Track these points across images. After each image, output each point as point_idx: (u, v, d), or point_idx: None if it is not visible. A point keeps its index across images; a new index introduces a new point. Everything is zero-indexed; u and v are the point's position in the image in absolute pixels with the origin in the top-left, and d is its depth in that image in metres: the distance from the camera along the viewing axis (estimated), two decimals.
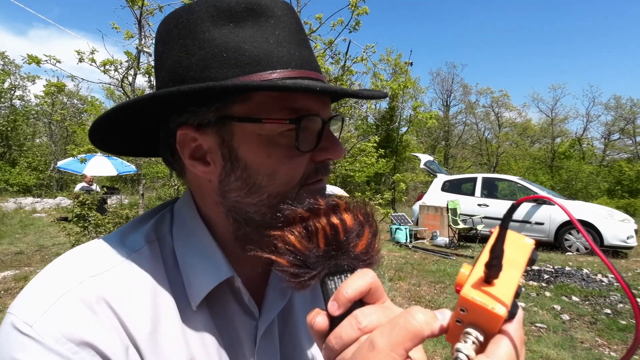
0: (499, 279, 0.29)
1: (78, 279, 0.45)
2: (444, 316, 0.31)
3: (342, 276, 0.38)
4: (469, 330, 0.29)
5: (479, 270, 0.30)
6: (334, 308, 0.35)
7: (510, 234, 0.32)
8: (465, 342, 0.29)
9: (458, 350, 0.28)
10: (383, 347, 0.29)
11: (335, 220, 0.39)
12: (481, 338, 0.29)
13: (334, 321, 0.35)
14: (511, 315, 0.29)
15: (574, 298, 4.87)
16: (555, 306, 4.55)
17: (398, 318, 0.31)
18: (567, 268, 6.27)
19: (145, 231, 0.54)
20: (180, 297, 0.50)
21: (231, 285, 0.53)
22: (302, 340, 0.60)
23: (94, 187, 8.97)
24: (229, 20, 0.48)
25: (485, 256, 0.30)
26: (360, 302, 0.36)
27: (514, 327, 0.30)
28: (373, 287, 0.36)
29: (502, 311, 0.28)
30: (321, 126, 0.50)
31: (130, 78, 5.47)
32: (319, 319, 0.36)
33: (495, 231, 0.30)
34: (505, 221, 0.30)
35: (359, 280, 0.36)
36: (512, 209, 0.30)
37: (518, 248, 0.32)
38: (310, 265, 0.38)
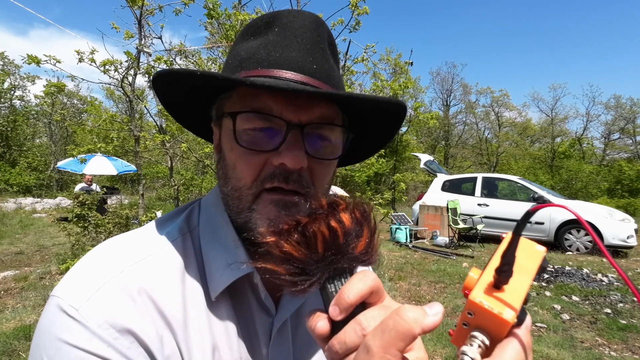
0: (509, 284, 0.29)
1: (119, 268, 0.48)
2: (434, 310, 0.31)
3: (342, 279, 0.37)
4: (475, 333, 0.29)
5: (489, 275, 0.30)
6: (336, 313, 0.34)
7: (522, 241, 0.32)
8: (471, 345, 0.28)
9: (463, 353, 0.28)
10: (377, 350, 0.29)
11: (333, 223, 0.36)
12: (487, 342, 0.29)
13: (336, 325, 0.34)
14: (519, 321, 0.29)
15: (574, 298, 4.87)
16: (555, 306, 4.55)
17: (388, 319, 0.30)
18: (567, 268, 6.27)
19: (179, 224, 0.57)
20: (206, 287, 0.52)
21: (250, 281, 0.55)
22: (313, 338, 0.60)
23: (93, 187, 8.96)
24: (251, 34, 0.55)
25: (495, 261, 0.30)
26: (362, 304, 0.35)
27: (522, 333, 0.30)
28: (375, 289, 0.35)
29: (510, 317, 0.28)
30: (286, 129, 0.49)
31: (130, 78, 5.47)
32: (320, 323, 0.35)
33: (507, 237, 0.30)
34: (519, 227, 0.29)
35: (360, 284, 0.35)
36: (527, 215, 0.29)
37: (529, 255, 0.32)
38: (309, 272, 0.36)
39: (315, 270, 0.36)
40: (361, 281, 0.35)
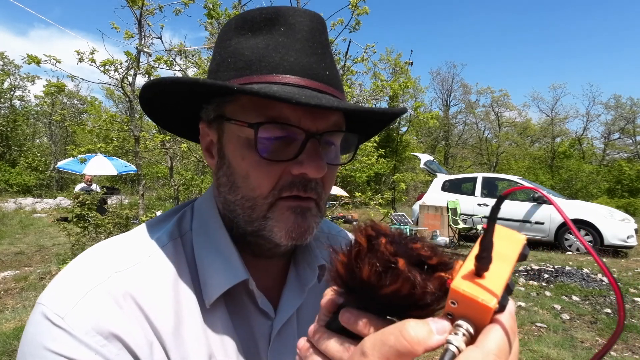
0: (489, 271, 0.29)
1: (105, 274, 0.46)
2: (441, 327, 0.28)
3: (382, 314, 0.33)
4: (460, 322, 0.29)
5: (470, 264, 0.30)
6: (347, 320, 0.32)
7: (502, 229, 0.32)
8: (456, 334, 0.28)
9: (449, 342, 0.28)
10: (372, 359, 0.28)
11: (418, 288, 0.29)
12: (472, 330, 0.29)
13: (335, 317, 0.35)
14: (501, 307, 0.29)
15: (574, 297, 4.87)
16: (556, 306, 4.55)
17: (390, 334, 0.28)
18: (567, 267, 6.26)
19: (169, 228, 0.55)
20: (199, 294, 0.51)
21: (246, 287, 0.53)
22: None
23: (93, 187, 8.96)
24: (249, 30, 0.52)
25: (476, 250, 0.30)
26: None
27: (505, 318, 0.29)
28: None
29: (492, 302, 0.28)
30: (304, 138, 0.49)
31: (130, 78, 5.47)
32: (329, 300, 0.35)
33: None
34: (493, 213, 0.29)
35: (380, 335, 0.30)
36: (500, 200, 0.30)
37: (509, 242, 0.32)
38: (351, 291, 0.33)
39: (357, 296, 0.33)
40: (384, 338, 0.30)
